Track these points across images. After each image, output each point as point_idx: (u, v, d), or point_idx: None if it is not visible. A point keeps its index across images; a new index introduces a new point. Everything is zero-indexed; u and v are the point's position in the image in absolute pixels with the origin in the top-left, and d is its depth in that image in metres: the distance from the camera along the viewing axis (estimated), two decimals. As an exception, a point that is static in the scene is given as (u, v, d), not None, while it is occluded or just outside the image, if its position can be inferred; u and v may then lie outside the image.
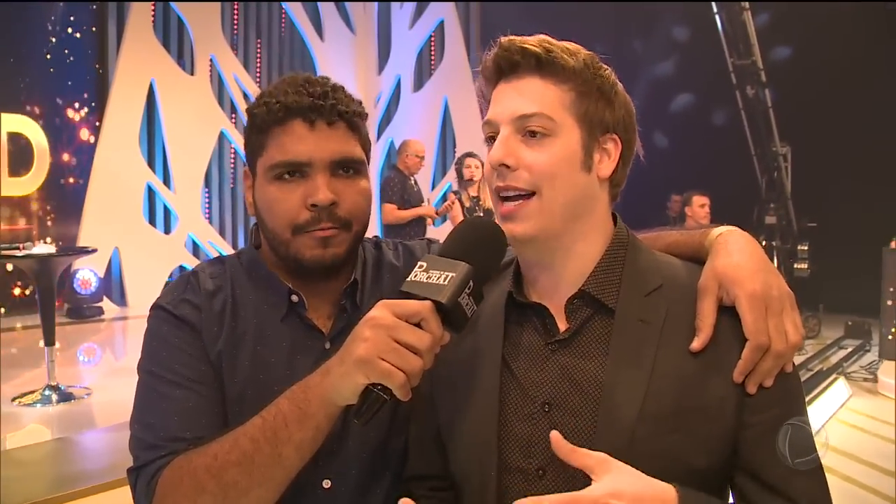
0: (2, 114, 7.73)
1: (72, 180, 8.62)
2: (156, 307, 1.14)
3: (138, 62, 8.84)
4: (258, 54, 10.41)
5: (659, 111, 9.12)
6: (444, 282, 0.90)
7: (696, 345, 0.92)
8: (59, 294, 5.66)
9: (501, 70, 0.99)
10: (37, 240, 7.41)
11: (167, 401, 1.06)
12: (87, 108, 8.77)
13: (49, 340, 4.88)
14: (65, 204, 8.46)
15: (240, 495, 0.96)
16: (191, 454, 1.00)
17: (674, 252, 1.06)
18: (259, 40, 10.39)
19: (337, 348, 0.95)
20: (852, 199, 7.40)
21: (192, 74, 9.44)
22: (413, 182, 6.14)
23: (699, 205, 6.02)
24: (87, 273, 8.17)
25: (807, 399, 1.76)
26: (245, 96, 9.77)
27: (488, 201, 5.76)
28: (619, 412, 0.91)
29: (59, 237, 7.98)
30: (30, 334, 6.87)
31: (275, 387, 1.03)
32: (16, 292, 8.03)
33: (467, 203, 6.12)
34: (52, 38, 8.37)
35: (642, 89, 8.55)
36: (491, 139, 0.99)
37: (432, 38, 11.05)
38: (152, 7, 9.07)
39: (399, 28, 11.19)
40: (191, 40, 9.42)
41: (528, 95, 0.96)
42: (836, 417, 4.83)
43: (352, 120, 1.13)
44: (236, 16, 10.14)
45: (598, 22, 9.16)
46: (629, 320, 0.95)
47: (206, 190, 9.83)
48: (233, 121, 9.84)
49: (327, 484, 1.10)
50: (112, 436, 4.13)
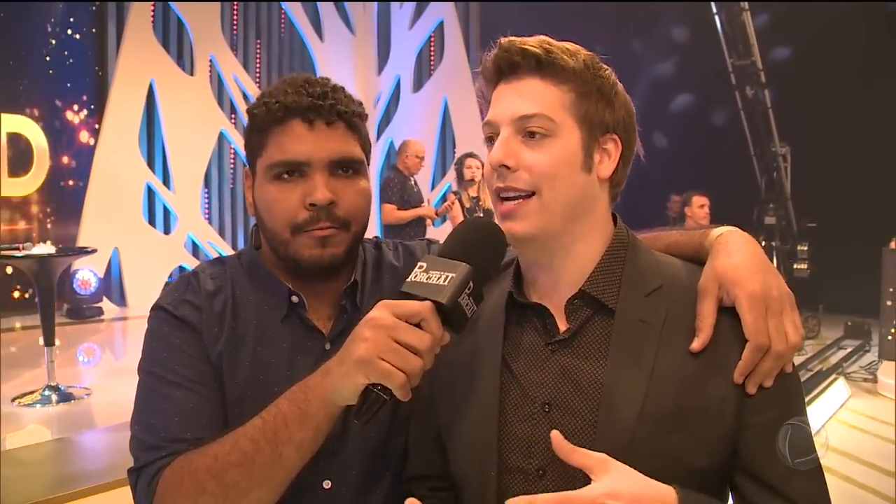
0: (1, 114, 7.70)
1: (71, 183, 8.61)
2: (156, 308, 1.14)
3: (138, 62, 8.84)
4: (258, 55, 10.41)
5: (659, 111, 9.12)
6: (444, 282, 0.90)
7: (696, 345, 0.92)
8: (58, 294, 5.64)
9: (501, 71, 0.99)
10: (36, 242, 7.40)
11: (168, 401, 1.06)
12: (86, 110, 8.76)
13: (49, 341, 4.88)
14: (64, 206, 8.45)
15: (240, 496, 0.96)
16: (191, 455, 1.00)
17: (674, 252, 1.06)
18: (259, 41, 10.39)
19: (337, 349, 0.95)
20: (852, 200, 7.40)
21: (191, 75, 9.44)
22: (413, 182, 6.14)
23: (699, 205, 6.01)
24: (87, 273, 8.16)
25: (806, 399, 1.77)
26: (245, 97, 9.77)
27: (488, 201, 5.75)
28: (619, 412, 0.91)
29: (59, 239, 7.95)
30: (30, 334, 6.86)
31: (275, 387, 1.03)
32: (15, 295, 8.01)
33: (467, 203, 6.12)
34: (52, 40, 8.35)
35: (642, 89, 8.56)
36: (491, 140, 0.99)
37: (432, 39, 11.04)
38: (152, 8, 9.07)
39: (399, 28, 11.19)
40: (190, 41, 9.42)
41: (528, 96, 0.96)
42: (836, 418, 4.83)
43: (351, 120, 1.13)
44: (236, 16, 10.14)
45: (597, 22, 9.15)
46: (629, 321, 0.95)
47: (206, 190, 9.83)
48: (232, 121, 9.84)
49: (328, 484, 1.10)
50: (112, 436, 4.13)
